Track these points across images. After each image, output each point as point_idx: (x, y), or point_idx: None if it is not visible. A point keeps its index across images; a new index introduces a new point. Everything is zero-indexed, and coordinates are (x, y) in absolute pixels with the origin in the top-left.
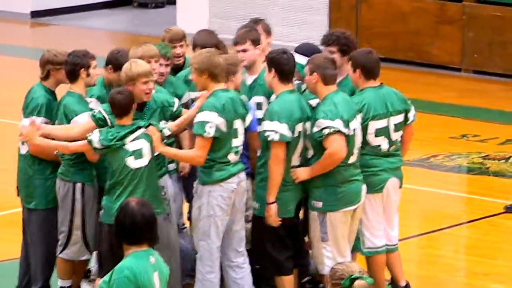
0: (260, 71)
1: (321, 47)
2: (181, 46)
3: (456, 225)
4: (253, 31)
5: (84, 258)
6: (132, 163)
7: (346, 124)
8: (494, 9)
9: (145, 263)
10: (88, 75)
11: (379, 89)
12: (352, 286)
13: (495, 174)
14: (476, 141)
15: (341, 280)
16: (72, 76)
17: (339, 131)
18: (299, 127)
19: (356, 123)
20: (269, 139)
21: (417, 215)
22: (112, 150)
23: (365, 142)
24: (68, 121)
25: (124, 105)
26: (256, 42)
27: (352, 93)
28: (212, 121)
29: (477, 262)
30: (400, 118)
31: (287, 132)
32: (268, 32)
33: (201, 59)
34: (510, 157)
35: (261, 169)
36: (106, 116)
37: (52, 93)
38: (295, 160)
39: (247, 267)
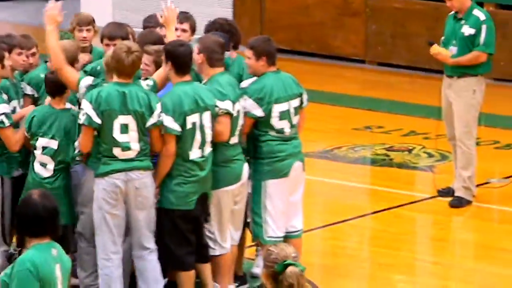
0: None
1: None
2: (88, 30)
3: (360, 216)
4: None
5: (1, 249)
6: None
7: (232, 106)
8: (397, 2)
9: (47, 256)
10: (3, 66)
11: (277, 73)
12: (284, 271)
13: (398, 165)
14: (380, 132)
15: (274, 264)
16: None
17: (227, 113)
18: (192, 119)
19: (239, 105)
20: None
21: (321, 206)
22: None
23: (269, 127)
24: None
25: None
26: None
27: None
28: (84, 109)
29: (381, 253)
30: (297, 102)
31: (171, 125)
32: (193, 30)
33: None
34: (413, 148)
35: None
36: None
37: None
38: (195, 152)
39: (151, 259)
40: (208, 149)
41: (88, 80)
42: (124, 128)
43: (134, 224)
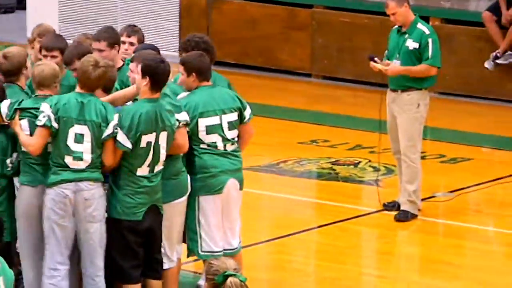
0: None
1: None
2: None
3: (306, 230)
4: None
5: None
6: None
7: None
8: (343, 15)
9: None
10: None
11: (210, 88)
12: (225, 282)
13: (344, 179)
14: (325, 146)
15: (215, 276)
16: None
17: (186, 124)
18: (148, 138)
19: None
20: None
21: (267, 220)
22: None
23: (198, 141)
24: None
25: None
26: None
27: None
28: (45, 112)
29: (326, 267)
30: (233, 116)
31: (123, 141)
32: (141, 43)
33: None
34: (359, 162)
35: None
36: None
37: None
38: (144, 170)
39: (101, 276)
40: (159, 167)
41: (6, 102)
42: (79, 137)
43: (83, 237)
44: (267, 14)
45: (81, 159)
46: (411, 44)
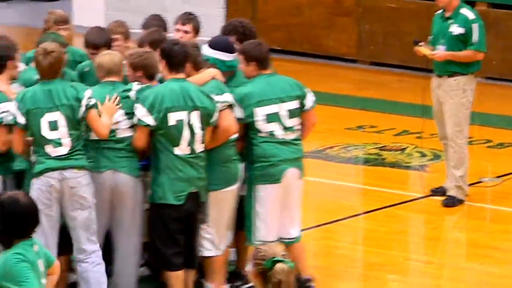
0: None
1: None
2: (65, 29)
3: (353, 216)
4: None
5: None
6: None
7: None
8: (389, 1)
9: (29, 250)
10: (14, 67)
11: (269, 76)
12: (273, 268)
13: (391, 165)
14: (372, 132)
15: (263, 261)
16: None
17: (229, 105)
18: (177, 116)
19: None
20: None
21: (314, 206)
22: None
23: (257, 130)
24: None
25: None
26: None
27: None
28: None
29: (373, 253)
30: (293, 104)
31: (143, 117)
32: (197, 31)
33: None
34: (406, 148)
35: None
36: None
37: None
38: (182, 149)
39: (92, 261)
40: (199, 147)
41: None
42: (53, 125)
43: (71, 224)
44: (313, 1)
45: (61, 145)
46: (456, 30)
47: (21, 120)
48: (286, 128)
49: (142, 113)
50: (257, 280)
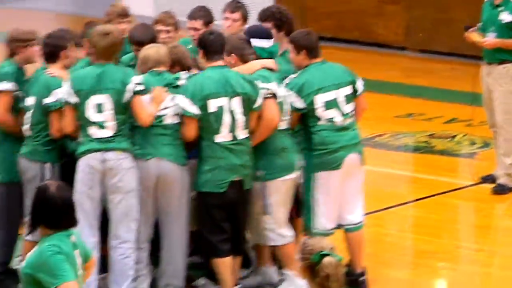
0: None
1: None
2: (127, 22)
3: (402, 204)
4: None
5: None
6: None
7: (277, 88)
8: None
9: (66, 241)
10: (67, 57)
11: (322, 64)
12: (321, 262)
13: (440, 152)
14: (421, 120)
15: (310, 255)
16: (52, 58)
17: (273, 95)
18: (217, 102)
19: (282, 91)
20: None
21: (364, 194)
22: None
23: (317, 118)
24: (49, 92)
25: None
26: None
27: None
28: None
29: (423, 240)
30: (348, 89)
31: (188, 107)
32: (245, 19)
33: None
34: (455, 135)
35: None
36: None
37: (20, 68)
38: (224, 136)
39: (123, 251)
40: (241, 134)
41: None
42: (100, 107)
43: (109, 207)
44: None
45: (104, 128)
46: (506, 17)
47: (72, 99)
48: (344, 114)
49: (185, 103)
50: (305, 274)
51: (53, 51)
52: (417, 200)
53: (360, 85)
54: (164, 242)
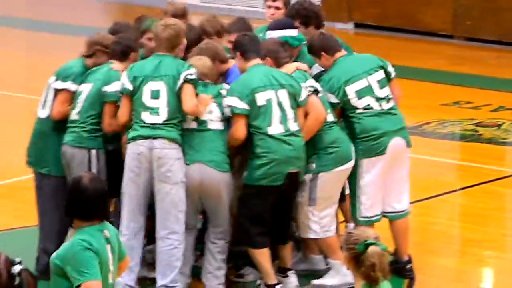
0: None
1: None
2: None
3: (449, 192)
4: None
5: None
6: None
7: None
8: None
9: (98, 237)
10: (135, 58)
11: (346, 57)
12: (366, 251)
13: (487, 141)
14: (468, 108)
15: (355, 245)
16: (122, 56)
17: (315, 90)
18: (265, 95)
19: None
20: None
21: (410, 182)
22: None
23: (354, 108)
24: (108, 82)
25: None
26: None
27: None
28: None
29: (470, 229)
30: (380, 74)
31: (237, 104)
32: (288, 6)
33: None
34: (502, 123)
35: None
36: None
37: (87, 69)
38: (276, 128)
39: (170, 242)
40: (293, 126)
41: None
42: (155, 94)
43: (156, 197)
44: None
45: (158, 114)
46: None
47: (128, 86)
48: (380, 99)
49: (233, 102)
50: (350, 264)
51: (124, 51)
52: (464, 188)
53: (391, 69)
54: (208, 231)
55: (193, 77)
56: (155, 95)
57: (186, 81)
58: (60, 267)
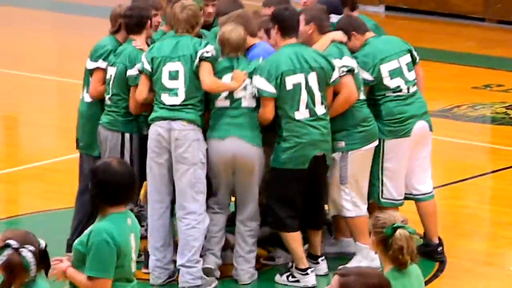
0: None
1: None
2: (213, 5)
3: (480, 175)
4: None
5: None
6: None
7: (351, 61)
8: None
9: (122, 225)
10: (151, 26)
11: (378, 37)
12: (394, 235)
13: None
14: (499, 91)
15: (383, 229)
16: (138, 28)
17: (349, 70)
18: (293, 79)
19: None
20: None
21: (441, 165)
22: None
23: (384, 88)
24: (133, 65)
25: None
26: None
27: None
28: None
29: (501, 212)
30: (408, 58)
31: (264, 86)
32: None
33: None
34: None
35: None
36: None
37: (121, 44)
38: (302, 113)
39: (188, 222)
40: (320, 110)
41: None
42: (173, 74)
43: (175, 178)
44: None
45: (177, 95)
46: None
47: (147, 67)
48: (408, 82)
49: (262, 84)
50: (378, 248)
51: (138, 23)
52: (495, 171)
53: (415, 53)
54: (238, 213)
55: (209, 54)
56: (173, 75)
57: (202, 59)
58: (81, 253)
